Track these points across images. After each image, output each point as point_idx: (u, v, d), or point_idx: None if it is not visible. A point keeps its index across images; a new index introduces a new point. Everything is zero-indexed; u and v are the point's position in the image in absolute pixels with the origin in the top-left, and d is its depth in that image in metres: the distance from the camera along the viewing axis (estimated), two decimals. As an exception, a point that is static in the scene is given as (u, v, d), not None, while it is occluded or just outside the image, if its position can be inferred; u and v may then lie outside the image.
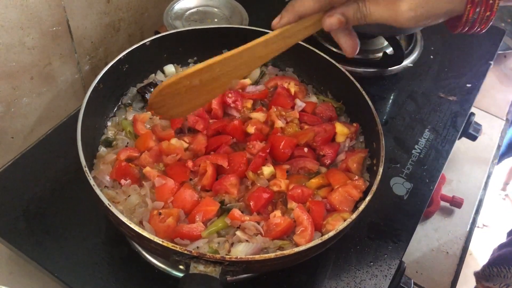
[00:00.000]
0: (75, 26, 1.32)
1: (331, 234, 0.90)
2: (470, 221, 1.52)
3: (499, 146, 1.73)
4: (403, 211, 1.25)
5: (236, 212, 0.98)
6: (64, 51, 1.32)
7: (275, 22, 0.87)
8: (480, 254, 2.68)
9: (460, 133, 1.47)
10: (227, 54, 0.90)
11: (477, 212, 1.54)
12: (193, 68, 0.91)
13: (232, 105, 1.21)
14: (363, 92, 1.16)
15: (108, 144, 1.12)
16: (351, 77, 1.20)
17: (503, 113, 1.85)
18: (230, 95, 1.22)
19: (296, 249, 0.87)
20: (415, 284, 1.21)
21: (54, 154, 1.25)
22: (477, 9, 0.76)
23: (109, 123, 1.17)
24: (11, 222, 1.11)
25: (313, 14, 0.83)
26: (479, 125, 1.56)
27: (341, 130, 1.16)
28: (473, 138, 1.55)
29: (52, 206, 1.15)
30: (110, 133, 1.15)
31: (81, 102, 1.47)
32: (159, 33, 1.60)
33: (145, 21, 1.62)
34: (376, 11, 0.78)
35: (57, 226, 1.11)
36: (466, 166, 1.66)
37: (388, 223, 1.22)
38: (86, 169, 0.92)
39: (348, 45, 0.87)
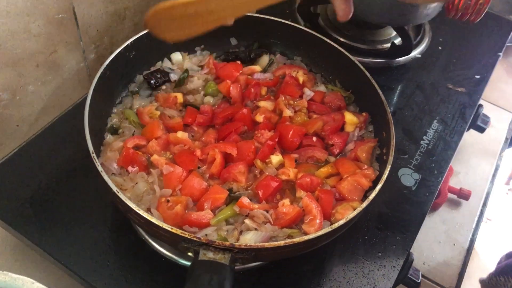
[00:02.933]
0: (81, 13, 1.30)
1: (341, 222, 0.89)
2: (478, 213, 1.51)
3: (506, 139, 1.72)
4: (411, 202, 1.24)
5: (244, 200, 0.97)
6: (70, 39, 1.31)
7: None
8: (483, 249, 2.67)
9: (468, 124, 1.45)
10: None
11: (484, 204, 1.53)
12: None
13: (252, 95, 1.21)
14: (373, 81, 1.15)
15: (114, 131, 1.11)
16: (361, 66, 1.19)
17: (511, 105, 1.84)
18: (252, 90, 1.21)
19: (306, 237, 0.86)
20: (422, 276, 1.20)
21: (60, 142, 1.24)
22: None
23: (114, 110, 1.16)
24: (17, 209, 1.10)
25: None
26: (488, 117, 1.55)
27: (351, 119, 1.15)
28: (482, 130, 1.53)
29: (58, 193, 1.14)
30: (114, 120, 1.13)
31: (86, 91, 1.46)
32: (165, 22, 1.59)
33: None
34: None
35: (64, 214, 1.11)
36: (474, 159, 1.65)
37: (397, 214, 1.21)
38: (93, 155, 0.91)
39: (341, 8, 0.88)
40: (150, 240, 1.08)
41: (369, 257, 1.12)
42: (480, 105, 1.54)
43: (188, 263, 1.05)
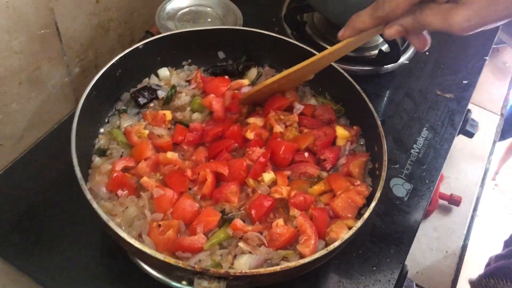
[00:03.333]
0: (64, 28, 1.27)
1: (336, 244, 0.88)
2: (469, 219, 1.52)
3: (494, 142, 1.73)
4: (404, 213, 1.24)
5: (238, 222, 0.96)
6: (53, 54, 1.28)
7: (340, 34, 0.97)
8: (471, 246, 2.70)
9: (458, 131, 1.46)
10: (302, 64, 1.07)
11: (475, 209, 1.53)
12: (274, 77, 1.12)
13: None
14: (363, 93, 1.14)
15: (102, 153, 1.08)
16: (350, 78, 1.18)
17: (498, 108, 1.85)
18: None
19: (302, 261, 0.85)
20: (416, 285, 1.20)
21: (46, 162, 1.21)
22: None
23: (101, 130, 1.14)
24: (3, 235, 1.07)
25: (371, 29, 0.92)
26: (476, 122, 1.55)
27: (342, 133, 1.14)
28: (470, 135, 1.54)
29: (45, 217, 1.11)
30: (102, 141, 1.11)
31: (72, 106, 1.45)
32: (150, 33, 1.57)
33: (135, 20, 1.58)
34: (432, 21, 0.82)
35: (52, 238, 1.08)
36: (463, 163, 1.66)
37: (390, 225, 1.21)
38: (82, 182, 0.89)
39: (416, 43, 0.92)
40: (142, 264, 1.06)
41: (364, 272, 1.12)
42: (469, 110, 1.55)
43: (181, 286, 1.03)
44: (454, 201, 1.51)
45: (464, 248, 1.44)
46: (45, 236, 1.08)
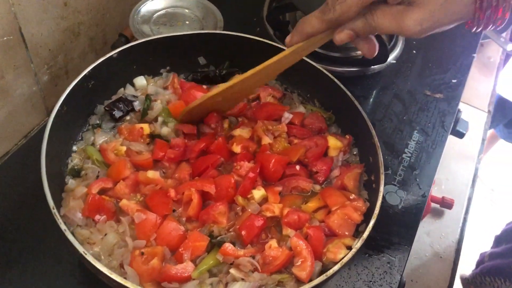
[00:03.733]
0: (29, 33, 1.18)
1: (336, 268, 0.83)
2: (461, 221, 1.48)
3: (483, 140, 1.69)
4: (399, 222, 1.18)
5: (228, 247, 0.88)
6: (19, 62, 1.19)
7: (287, 40, 0.93)
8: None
9: (449, 133, 1.41)
10: (247, 74, 0.99)
11: (467, 212, 1.50)
12: (216, 89, 1.02)
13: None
14: (355, 100, 1.08)
15: (76, 174, 0.99)
16: (340, 84, 1.12)
17: (485, 105, 1.82)
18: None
19: (301, 289, 0.78)
20: (412, 295, 1.16)
21: (15, 179, 1.12)
22: (487, 13, 0.73)
23: (74, 148, 1.04)
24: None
25: (321, 33, 0.87)
26: (466, 122, 1.51)
27: (334, 143, 1.07)
28: (461, 135, 1.50)
29: (17, 242, 1.02)
30: (75, 160, 1.02)
31: (42, 116, 1.35)
32: (124, 35, 1.47)
33: (107, 22, 1.48)
34: (383, 24, 0.79)
35: (25, 265, 0.99)
36: (453, 164, 1.62)
37: (385, 236, 1.15)
38: (55, 211, 0.81)
39: (365, 48, 0.88)
40: (125, 291, 0.98)
41: (360, 288, 1.06)
42: (459, 110, 1.50)
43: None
44: (447, 204, 1.47)
45: (458, 252, 1.40)
46: (16, 262, 0.99)
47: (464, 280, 1.54)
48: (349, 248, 0.91)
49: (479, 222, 2.32)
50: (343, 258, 0.87)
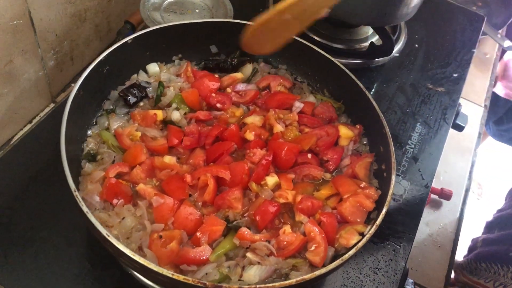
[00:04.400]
0: (38, 18, 1.18)
1: (351, 253, 0.85)
2: (458, 212, 1.52)
3: (480, 134, 1.73)
4: (403, 211, 1.22)
5: (245, 231, 0.90)
6: (27, 47, 1.19)
7: None
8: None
9: (450, 126, 1.45)
10: None
11: (464, 202, 1.54)
12: (285, 3, 0.91)
13: (219, 105, 1.13)
14: (365, 90, 1.10)
15: (92, 158, 1.00)
16: (350, 73, 1.14)
17: (481, 100, 1.86)
18: (214, 94, 1.13)
19: (318, 272, 0.81)
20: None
21: (24, 165, 1.12)
22: None
23: (89, 132, 1.05)
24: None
25: None
26: (465, 115, 1.55)
27: (345, 133, 1.09)
28: (460, 128, 1.53)
29: (28, 226, 1.02)
30: (91, 145, 1.02)
31: (47, 102, 1.35)
32: (130, 23, 1.47)
33: (112, 9, 1.48)
34: None
35: (38, 250, 0.99)
36: (451, 156, 1.65)
37: (390, 225, 1.18)
38: (76, 193, 0.81)
39: None
40: (137, 273, 0.99)
41: (367, 274, 1.09)
42: (459, 104, 1.54)
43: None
44: (445, 195, 1.51)
45: (455, 241, 1.44)
46: (28, 247, 1.00)
47: (457, 266, 1.57)
48: (361, 234, 0.94)
49: (471, 210, 2.38)
50: (356, 244, 0.89)
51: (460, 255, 1.71)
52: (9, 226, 1.02)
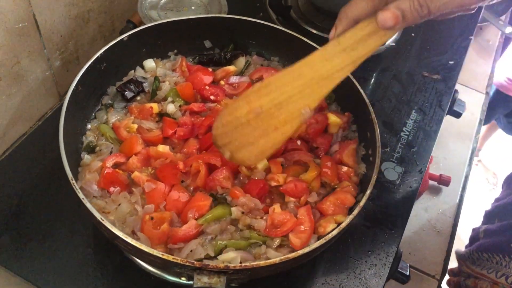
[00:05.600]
0: (43, 20, 1.23)
1: (334, 233, 0.88)
2: (458, 198, 1.53)
3: (481, 121, 1.74)
4: (396, 196, 1.24)
5: (236, 189, 0.96)
6: (33, 48, 1.24)
7: (331, 35, 0.81)
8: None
9: (446, 112, 1.46)
10: (282, 71, 0.84)
11: (463, 188, 1.55)
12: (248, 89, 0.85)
13: (212, 97, 1.17)
14: (354, 80, 1.13)
15: (91, 150, 1.06)
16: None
17: (483, 86, 1.86)
18: (207, 87, 1.18)
19: (301, 252, 0.84)
20: (409, 266, 1.22)
21: (31, 160, 1.19)
22: None
23: (89, 126, 1.11)
24: (-7, 237, 1.05)
25: (368, 15, 0.77)
26: (463, 102, 1.56)
27: (334, 120, 1.13)
28: (458, 115, 1.55)
29: (35, 216, 1.09)
30: (90, 137, 1.08)
31: (54, 100, 1.41)
32: (132, 22, 1.53)
33: (115, 9, 1.54)
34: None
35: (43, 238, 1.06)
36: (450, 143, 1.67)
37: (383, 210, 1.21)
38: (73, 182, 0.87)
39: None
40: (137, 259, 1.05)
41: (359, 257, 1.12)
42: (456, 91, 1.55)
43: (177, 280, 1.02)
44: (444, 181, 1.53)
45: (454, 227, 1.45)
46: (35, 235, 1.06)
47: (460, 256, 1.58)
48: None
49: (478, 203, 2.37)
50: (331, 231, 0.90)
51: (461, 244, 1.72)
52: (20, 216, 1.09)
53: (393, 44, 1.57)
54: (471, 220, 1.91)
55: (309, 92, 0.84)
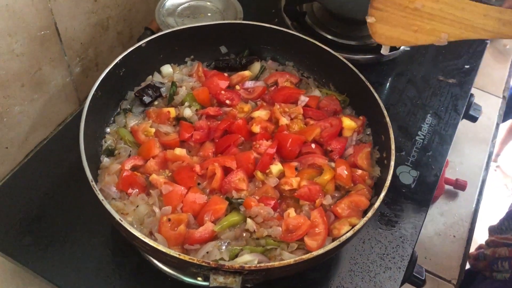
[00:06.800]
0: (63, 28, 1.27)
1: (348, 234, 0.89)
2: (474, 202, 1.52)
3: (497, 125, 1.73)
4: (411, 200, 1.24)
5: (251, 200, 0.97)
6: (54, 55, 1.28)
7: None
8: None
9: (461, 116, 1.46)
10: None
11: (480, 193, 1.54)
12: None
13: (228, 101, 1.19)
14: (368, 83, 1.14)
15: (110, 153, 1.08)
16: (354, 68, 1.18)
17: (499, 91, 1.85)
18: (223, 92, 1.20)
19: (315, 253, 0.85)
20: (425, 271, 1.21)
21: (53, 163, 1.22)
22: None
23: (108, 130, 1.14)
24: (15, 237, 1.08)
25: None
26: (479, 106, 1.55)
27: (349, 124, 1.14)
28: (474, 119, 1.54)
29: (56, 218, 1.12)
30: (109, 141, 1.11)
31: (74, 106, 1.45)
32: (150, 29, 1.56)
33: (133, 17, 1.57)
34: None
35: (64, 239, 1.09)
36: (467, 147, 1.66)
37: (398, 213, 1.21)
38: (93, 183, 0.89)
39: None
40: (155, 260, 1.07)
41: (374, 260, 1.13)
42: (471, 95, 1.55)
43: (193, 281, 1.04)
44: (460, 185, 1.52)
45: (471, 232, 1.44)
46: (56, 237, 1.09)
47: (491, 229, 1.55)
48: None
49: (497, 210, 2.35)
50: (346, 233, 0.91)
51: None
52: (41, 218, 1.12)
53: (408, 49, 1.58)
54: (488, 225, 1.89)
55: (458, 26, 0.96)
